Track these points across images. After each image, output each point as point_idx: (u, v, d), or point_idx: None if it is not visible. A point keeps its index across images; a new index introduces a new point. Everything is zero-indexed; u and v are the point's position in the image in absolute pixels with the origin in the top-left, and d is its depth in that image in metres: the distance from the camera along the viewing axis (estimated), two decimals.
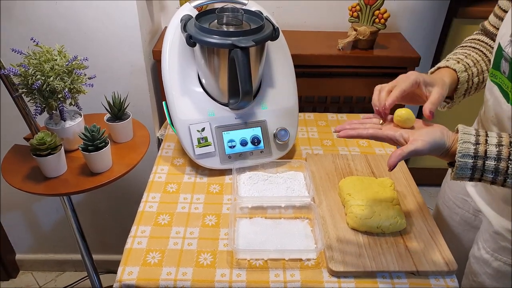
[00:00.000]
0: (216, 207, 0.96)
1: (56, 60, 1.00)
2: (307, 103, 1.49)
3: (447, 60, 0.86)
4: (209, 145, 1.03)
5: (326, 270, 0.81)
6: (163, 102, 1.08)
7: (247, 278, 0.79)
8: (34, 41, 1.01)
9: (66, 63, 1.01)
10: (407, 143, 0.68)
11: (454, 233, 0.99)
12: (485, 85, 0.83)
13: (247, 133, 1.06)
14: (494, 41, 0.87)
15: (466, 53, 0.87)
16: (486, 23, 0.88)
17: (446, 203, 1.02)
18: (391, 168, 0.67)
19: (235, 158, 1.05)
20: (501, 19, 0.81)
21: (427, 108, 0.72)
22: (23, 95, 1.02)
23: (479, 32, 0.92)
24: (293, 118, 1.11)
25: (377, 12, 1.34)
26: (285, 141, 1.07)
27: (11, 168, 1.07)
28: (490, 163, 0.65)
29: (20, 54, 0.99)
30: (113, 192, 1.59)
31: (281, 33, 1.06)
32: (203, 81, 1.05)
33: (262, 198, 0.96)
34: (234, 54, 0.92)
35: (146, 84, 1.35)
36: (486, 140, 0.66)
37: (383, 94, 0.73)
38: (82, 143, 1.02)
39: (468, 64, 0.84)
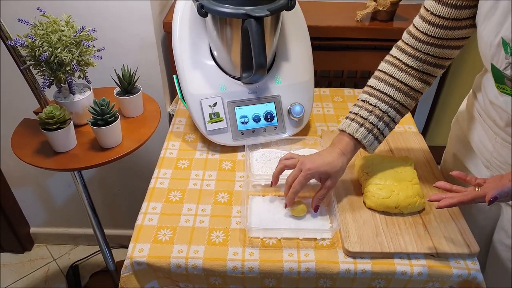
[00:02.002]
0: (228, 184, 0.94)
1: (63, 31, 0.97)
2: (322, 78, 1.44)
3: (352, 120, 0.83)
4: (221, 120, 1.00)
5: (342, 250, 0.79)
6: (174, 76, 1.05)
7: (260, 257, 0.77)
8: (41, 11, 0.97)
9: (74, 34, 0.98)
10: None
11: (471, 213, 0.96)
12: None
13: (260, 109, 1.02)
14: (416, 49, 0.79)
15: (372, 104, 0.82)
16: (413, 30, 0.79)
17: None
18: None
19: (248, 134, 1.02)
20: (432, 23, 0.74)
21: (312, 203, 0.84)
22: (31, 67, 0.99)
23: (401, 46, 0.82)
24: (308, 93, 1.07)
25: None
26: (299, 117, 1.04)
27: (21, 142, 1.05)
28: None
29: (27, 24, 0.96)
30: (124, 167, 1.58)
31: (297, 3, 1.01)
32: (215, 53, 1.01)
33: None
34: (247, 24, 0.87)
35: (157, 57, 1.31)
36: None
37: (290, 196, 0.82)
38: (91, 117, 0.99)
39: (373, 123, 0.82)
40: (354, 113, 0.84)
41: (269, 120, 1.03)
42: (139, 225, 0.84)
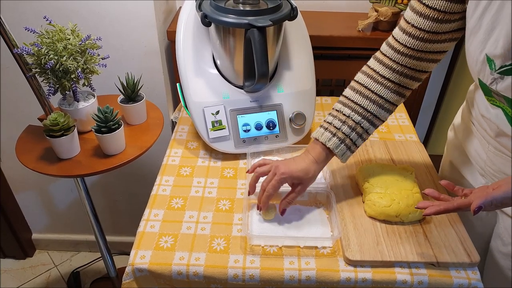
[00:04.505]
0: (230, 191, 0.95)
1: (69, 39, 0.98)
2: (324, 87, 1.45)
3: (325, 129, 0.83)
4: (224, 128, 1.01)
5: (342, 258, 0.79)
6: (177, 84, 1.06)
7: (261, 265, 0.77)
8: (47, 20, 0.99)
9: (79, 43, 0.99)
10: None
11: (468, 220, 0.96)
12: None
13: (262, 117, 1.03)
14: (394, 60, 0.78)
15: (346, 115, 0.82)
16: (392, 41, 0.78)
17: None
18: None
19: (250, 142, 1.03)
20: (411, 35, 0.74)
21: (280, 206, 0.84)
22: (36, 75, 1.01)
23: (379, 57, 0.82)
24: (310, 102, 1.08)
25: None
26: (301, 126, 1.04)
27: (25, 148, 1.06)
28: None
29: (33, 32, 0.98)
30: (126, 174, 1.59)
31: (299, 13, 1.02)
32: (218, 62, 1.02)
33: None
34: (250, 34, 0.89)
35: (160, 65, 1.32)
36: None
37: (264, 200, 0.83)
38: (95, 124, 1.00)
39: (345, 134, 0.82)
40: (328, 122, 0.84)
41: (271, 128, 1.04)
42: (141, 232, 0.84)
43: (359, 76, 0.84)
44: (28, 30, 0.97)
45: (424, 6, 0.71)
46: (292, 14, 0.95)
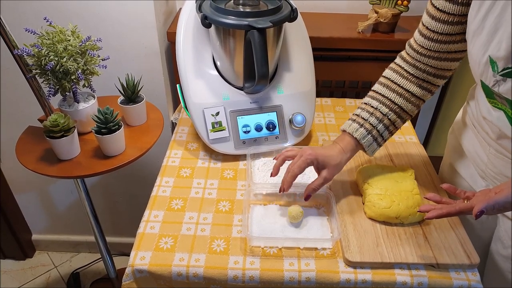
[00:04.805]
0: (230, 193, 0.95)
1: (69, 40, 0.98)
2: (324, 88, 1.45)
3: (353, 121, 0.87)
4: (223, 129, 1.01)
5: (342, 260, 0.79)
6: (177, 85, 1.06)
7: (260, 266, 0.77)
8: (47, 21, 0.99)
9: (80, 44, 0.99)
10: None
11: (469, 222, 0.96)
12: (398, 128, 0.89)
13: (262, 118, 1.03)
14: (416, 59, 0.83)
15: (373, 107, 0.86)
16: (412, 42, 0.83)
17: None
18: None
19: (250, 143, 1.03)
20: (427, 37, 0.77)
21: (304, 192, 0.84)
22: (36, 76, 1.01)
23: (403, 56, 0.86)
24: (309, 103, 1.08)
25: None
26: (301, 127, 1.04)
27: (25, 149, 1.07)
28: None
29: (34, 34, 0.98)
30: (126, 175, 1.59)
31: (299, 15, 1.02)
32: (218, 63, 1.02)
33: (276, 185, 0.94)
34: (250, 35, 0.89)
35: (160, 66, 1.33)
36: None
37: (288, 179, 0.82)
38: (95, 125, 1.01)
39: (372, 125, 0.85)
40: (356, 114, 0.88)
41: (271, 129, 1.04)
42: (141, 233, 0.84)
43: (386, 72, 0.89)
44: (28, 31, 0.97)
45: (436, 9, 0.74)
46: (292, 16, 0.95)
